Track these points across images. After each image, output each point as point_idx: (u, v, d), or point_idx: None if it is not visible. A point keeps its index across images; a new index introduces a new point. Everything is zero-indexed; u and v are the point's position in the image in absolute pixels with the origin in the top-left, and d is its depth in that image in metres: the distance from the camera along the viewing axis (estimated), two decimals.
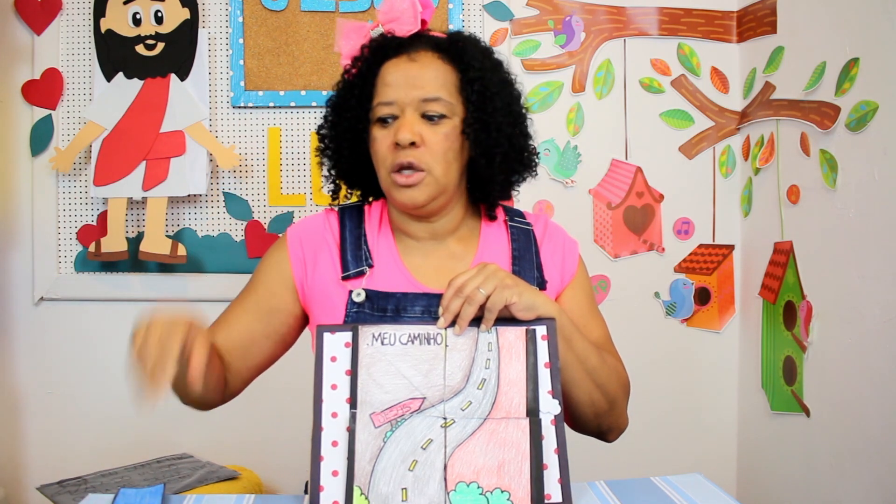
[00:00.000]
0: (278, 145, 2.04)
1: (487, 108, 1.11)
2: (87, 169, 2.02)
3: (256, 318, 1.17)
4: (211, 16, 2.03)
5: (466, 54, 1.12)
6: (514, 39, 2.07)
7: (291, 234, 1.19)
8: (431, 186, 1.10)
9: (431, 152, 1.09)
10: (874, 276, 1.54)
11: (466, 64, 1.11)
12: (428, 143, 1.09)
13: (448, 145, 1.10)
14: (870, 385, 1.55)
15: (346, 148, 1.15)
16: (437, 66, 1.11)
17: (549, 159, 2.08)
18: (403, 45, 1.12)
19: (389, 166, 1.10)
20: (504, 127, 1.12)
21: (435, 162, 1.09)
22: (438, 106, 1.09)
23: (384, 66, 1.11)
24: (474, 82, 1.10)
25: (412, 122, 1.09)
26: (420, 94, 1.09)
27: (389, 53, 1.12)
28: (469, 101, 1.11)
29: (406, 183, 1.09)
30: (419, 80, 1.09)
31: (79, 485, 1.73)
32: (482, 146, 1.12)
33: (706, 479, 1.06)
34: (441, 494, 0.92)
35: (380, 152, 1.11)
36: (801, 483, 1.80)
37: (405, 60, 1.11)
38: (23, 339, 2.05)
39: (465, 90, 1.11)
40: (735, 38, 2.09)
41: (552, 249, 1.20)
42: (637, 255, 2.11)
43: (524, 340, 0.99)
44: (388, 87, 1.10)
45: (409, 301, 1.10)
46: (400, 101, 1.09)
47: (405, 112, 1.09)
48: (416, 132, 1.08)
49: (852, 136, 1.59)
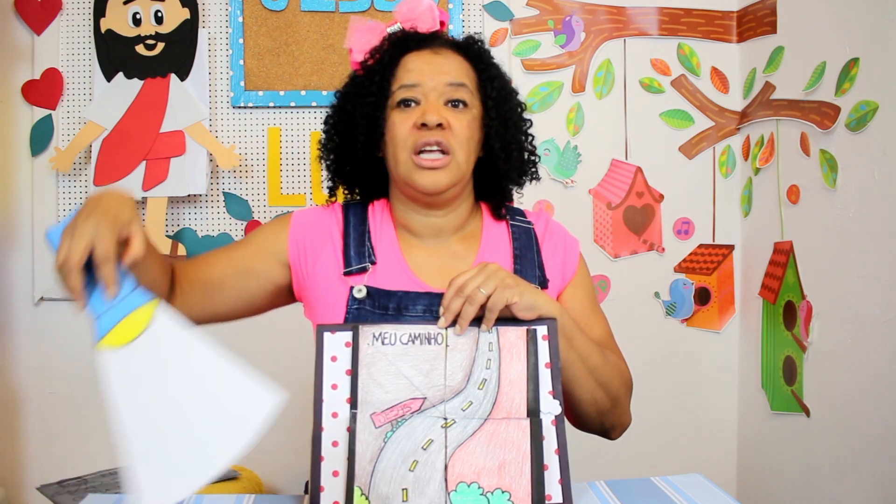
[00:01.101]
0: (278, 145, 2.04)
1: (505, 106, 1.15)
2: (87, 169, 2.02)
3: (233, 269, 1.17)
4: (211, 16, 2.03)
5: (484, 55, 1.16)
6: (514, 39, 2.07)
7: (297, 218, 1.19)
8: (454, 171, 1.10)
9: (457, 137, 1.10)
10: (874, 276, 1.54)
11: (485, 64, 1.15)
12: (454, 128, 1.10)
13: (470, 134, 1.12)
14: (870, 385, 1.55)
15: (363, 135, 1.13)
16: (460, 61, 1.14)
17: (549, 159, 2.08)
18: (426, 41, 1.14)
19: (411, 147, 1.09)
20: (519, 125, 1.17)
21: (459, 147, 1.10)
22: (464, 92, 1.12)
23: (406, 56, 1.13)
24: (493, 79, 1.15)
25: (438, 105, 1.10)
26: (446, 78, 1.11)
27: (411, 46, 1.14)
28: (489, 97, 1.14)
29: (431, 165, 1.09)
30: (445, 67, 1.12)
31: (79, 485, 1.73)
32: (501, 141, 1.14)
33: (706, 479, 1.06)
34: (442, 495, 0.92)
35: (400, 135, 1.10)
36: (801, 483, 1.80)
37: (428, 53, 1.13)
38: (23, 339, 2.05)
39: (483, 87, 1.14)
40: (735, 38, 2.09)
41: (553, 248, 1.20)
42: (637, 255, 2.11)
43: (525, 340, 0.99)
44: (412, 73, 1.11)
45: (411, 300, 1.10)
46: (424, 85, 1.11)
47: (429, 97, 1.10)
48: (443, 115, 1.09)
49: (852, 136, 1.59)
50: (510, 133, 1.15)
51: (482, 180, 1.19)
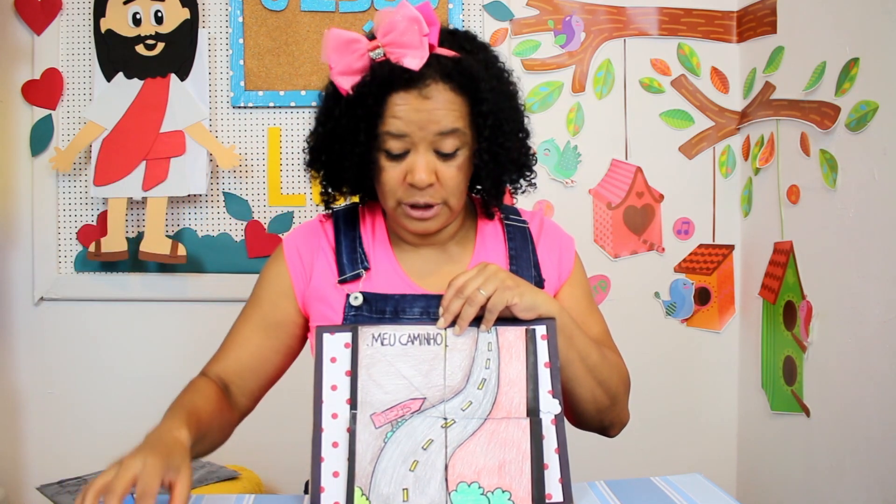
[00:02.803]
0: (278, 145, 2.04)
1: (499, 139, 1.08)
2: (87, 169, 2.02)
3: (264, 335, 1.17)
4: (211, 16, 2.03)
5: (477, 80, 1.05)
6: (514, 39, 2.07)
7: (288, 244, 1.19)
8: (444, 216, 1.10)
9: (446, 188, 1.07)
10: (874, 276, 1.54)
11: (478, 93, 1.05)
12: (443, 180, 1.06)
13: (462, 178, 1.08)
14: (870, 385, 1.55)
15: (351, 171, 1.09)
16: (450, 99, 1.04)
17: (549, 159, 2.08)
18: (413, 80, 1.03)
19: (400, 198, 1.08)
20: (513, 151, 1.11)
21: (450, 195, 1.08)
22: (455, 138, 1.05)
23: (392, 97, 1.03)
24: (487, 116, 1.06)
25: (427, 160, 1.05)
26: (435, 128, 1.04)
27: (396, 86, 1.03)
28: (482, 134, 1.07)
29: (421, 217, 1.08)
30: (434, 116, 1.03)
31: (79, 485, 1.73)
32: (492, 176, 1.10)
33: (706, 479, 1.06)
34: (442, 495, 0.92)
35: (388, 184, 1.07)
36: (801, 483, 1.80)
37: (416, 97, 1.03)
38: (23, 339, 2.05)
39: (476, 121, 1.07)
40: (735, 38, 2.09)
41: (549, 247, 1.20)
42: (637, 255, 2.11)
43: (524, 340, 1.00)
44: (399, 121, 1.03)
45: (408, 302, 1.10)
46: (413, 135, 1.04)
47: (418, 149, 1.05)
48: (430, 171, 1.05)
49: (852, 136, 1.59)
50: (502, 164, 1.10)
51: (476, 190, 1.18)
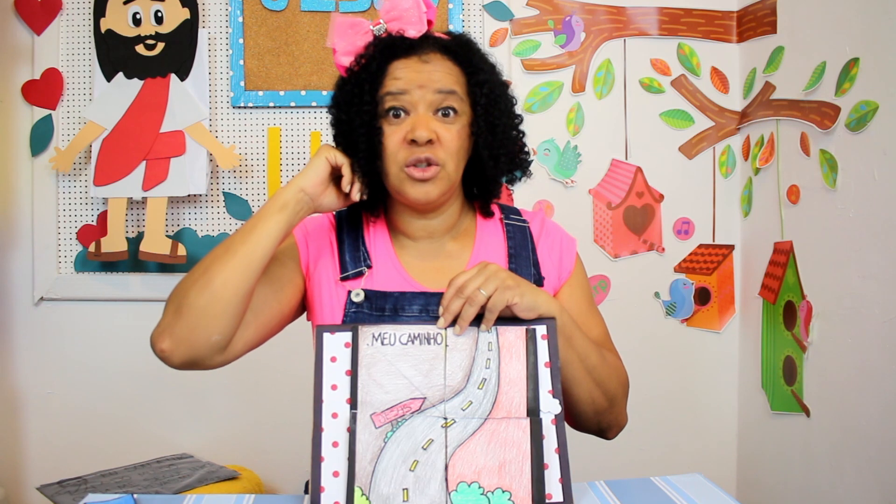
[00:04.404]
0: (278, 145, 2.04)
1: (494, 111, 1.12)
2: (87, 169, 2.02)
3: (269, 285, 1.13)
4: (211, 16, 2.03)
5: (473, 56, 1.12)
6: (514, 39, 2.07)
7: (298, 227, 1.18)
8: (444, 181, 1.10)
9: (446, 149, 1.09)
10: (874, 276, 1.54)
11: (475, 66, 1.12)
12: (443, 140, 1.09)
13: (460, 143, 1.10)
14: (870, 385, 1.55)
15: (364, 143, 1.11)
16: (449, 67, 1.11)
17: (549, 159, 2.08)
18: (413, 47, 1.10)
19: (402, 161, 1.09)
20: (508, 129, 1.14)
21: (449, 158, 1.09)
22: (453, 99, 1.09)
23: (393, 63, 1.10)
24: (483, 85, 1.11)
25: (427, 118, 1.08)
26: (435, 86, 1.08)
27: (398, 53, 1.10)
28: (478, 103, 1.11)
29: (422, 177, 1.08)
30: (434, 76, 1.09)
31: (79, 485, 1.73)
32: (489, 147, 1.12)
33: (706, 479, 1.06)
34: (442, 494, 0.92)
35: (390, 147, 1.09)
36: (801, 483, 1.80)
37: (416, 61, 1.10)
38: (23, 339, 2.05)
39: (473, 92, 1.12)
40: (735, 38, 2.09)
41: (549, 247, 1.20)
42: (637, 255, 2.11)
43: (524, 340, 0.99)
44: (399, 81, 1.08)
45: (407, 300, 1.10)
46: (412, 94, 1.08)
47: (418, 108, 1.09)
48: (431, 129, 1.08)
49: (852, 136, 1.59)
50: (499, 138, 1.13)
51: (472, 178, 1.18)
